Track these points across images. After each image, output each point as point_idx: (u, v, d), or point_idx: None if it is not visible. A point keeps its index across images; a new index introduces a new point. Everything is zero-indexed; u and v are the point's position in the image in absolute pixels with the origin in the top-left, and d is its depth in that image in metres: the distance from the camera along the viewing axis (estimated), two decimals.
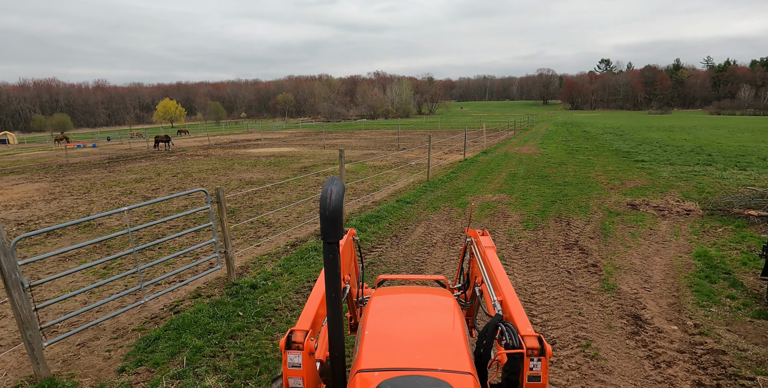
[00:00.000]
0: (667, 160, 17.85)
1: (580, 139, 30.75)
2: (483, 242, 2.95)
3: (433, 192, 11.70)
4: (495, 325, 1.98)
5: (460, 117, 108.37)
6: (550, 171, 15.17)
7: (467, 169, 15.94)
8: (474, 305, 3.06)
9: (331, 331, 1.74)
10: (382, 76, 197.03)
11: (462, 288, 3.33)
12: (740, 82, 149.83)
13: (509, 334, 1.88)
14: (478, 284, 2.75)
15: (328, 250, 1.58)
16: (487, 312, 2.28)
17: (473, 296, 2.95)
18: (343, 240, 2.60)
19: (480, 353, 1.98)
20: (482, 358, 1.97)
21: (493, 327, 1.98)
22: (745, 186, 12.12)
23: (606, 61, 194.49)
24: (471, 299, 3.07)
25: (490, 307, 2.28)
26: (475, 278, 2.90)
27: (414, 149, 24.44)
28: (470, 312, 3.15)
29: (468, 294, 3.18)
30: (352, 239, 3.09)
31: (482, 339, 2.01)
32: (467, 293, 3.20)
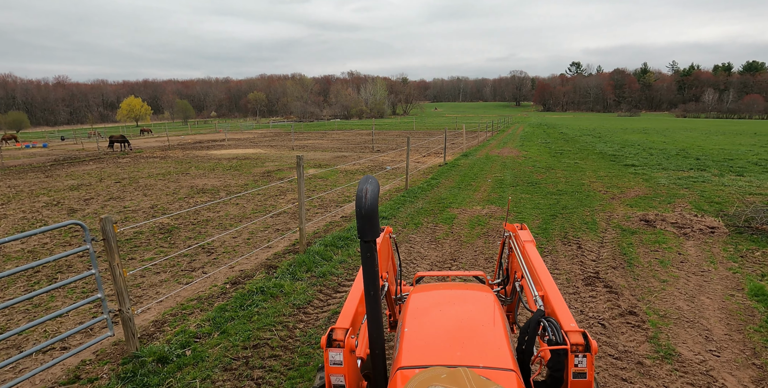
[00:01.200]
0: (658, 164, 16.81)
1: (560, 141, 29.81)
2: (522, 236, 2.89)
3: (413, 203, 10.11)
4: (537, 320, 1.92)
5: (435, 118, 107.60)
6: (539, 177, 13.82)
7: (449, 174, 14.45)
8: (514, 301, 2.95)
9: (371, 328, 1.74)
10: (357, 76, 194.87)
11: (501, 284, 3.27)
12: (704, 86, 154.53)
13: (552, 329, 1.81)
14: (518, 279, 2.67)
15: (365, 248, 1.58)
16: (528, 308, 2.23)
17: (513, 291, 2.87)
18: (379, 238, 2.61)
19: (522, 350, 1.92)
20: (524, 354, 1.91)
21: (535, 323, 1.91)
22: (753, 195, 11.01)
23: (576, 64, 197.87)
24: (511, 294, 2.99)
25: (531, 302, 2.23)
26: (515, 273, 2.83)
27: (389, 152, 22.86)
28: (510, 308, 3.05)
29: (508, 290, 3.12)
30: (388, 236, 3.05)
31: (524, 335, 1.94)
32: (507, 288, 3.14)
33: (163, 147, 31.50)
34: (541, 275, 2.31)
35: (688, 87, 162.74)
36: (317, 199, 10.86)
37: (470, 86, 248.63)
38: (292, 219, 9.00)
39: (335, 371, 1.77)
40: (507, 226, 3.28)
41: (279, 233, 7.96)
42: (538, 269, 2.37)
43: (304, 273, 5.77)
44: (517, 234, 2.99)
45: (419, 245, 7.08)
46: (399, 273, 3.23)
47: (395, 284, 3.06)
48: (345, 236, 7.31)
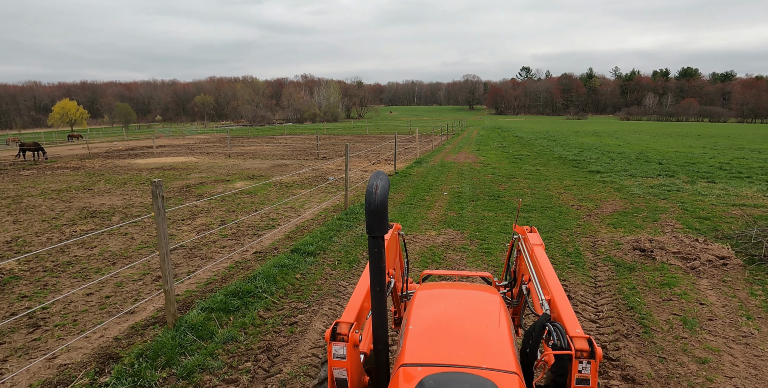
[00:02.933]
0: (624, 170, 15.63)
1: (516, 144, 28.73)
2: (531, 239, 2.86)
3: (350, 229, 8.09)
4: (542, 324, 1.89)
5: (389, 121, 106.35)
6: (501, 187, 12.16)
7: (399, 186, 12.53)
8: (521, 304, 2.88)
9: (375, 324, 1.73)
10: (310, 79, 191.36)
11: (508, 286, 3.25)
12: (645, 90, 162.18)
13: (557, 334, 1.79)
14: (525, 282, 2.64)
15: (373, 244, 1.57)
16: (534, 311, 2.22)
17: (520, 294, 2.83)
18: (388, 235, 2.60)
19: (526, 353, 1.91)
20: (528, 358, 1.89)
21: (540, 326, 1.88)
22: (736, 206, 9.75)
23: (526, 68, 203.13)
24: (517, 297, 2.92)
25: (537, 306, 2.22)
26: (522, 276, 2.80)
27: (336, 159, 20.76)
28: (516, 311, 2.99)
29: (514, 292, 3.09)
30: (397, 233, 3.01)
31: (528, 339, 1.92)
32: (514, 290, 3.12)
33: (82, 156, 27.95)
34: (549, 278, 2.27)
35: (630, 91, 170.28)
36: (233, 227, 8.62)
37: (425, 90, 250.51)
38: (187, 259, 6.74)
39: (338, 365, 1.76)
40: (516, 228, 3.24)
41: (157, 284, 5.70)
42: (546, 273, 2.33)
43: (157, 372, 3.60)
44: (527, 237, 2.95)
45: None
46: (406, 270, 3.22)
47: (402, 281, 3.03)
48: (247, 288, 5.14)
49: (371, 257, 1.61)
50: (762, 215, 8.95)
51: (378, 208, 1.49)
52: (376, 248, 1.58)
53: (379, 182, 1.52)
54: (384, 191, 1.51)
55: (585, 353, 1.68)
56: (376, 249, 1.58)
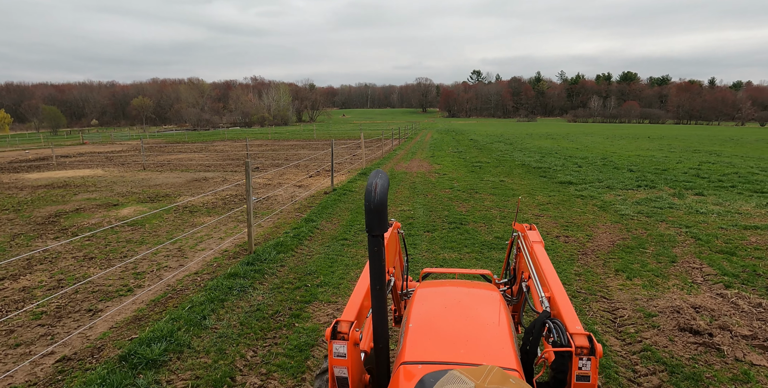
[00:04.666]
0: (598, 180, 13.69)
1: (473, 149, 26.75)
2: (530, 237, 2.84)
3: (246, 293, 5.33)
4: (542, 322, 1.90)
5: (342, 124, 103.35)
6: (463, 208, 9.76)
7: (333, 210, 9.86)
8: (520, 301, 2.91)
9: (376, 322, 1.73)
10: (260, 81, 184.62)
11: (508, 283, 3.22)
12: (590, 93, 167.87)
13: (557, 331, 1.80)
14: (525, 279, 2.62)
15: (372, 242, 1.57)
16: (534, 308, 2.21)
17: (520, 291, 2.80)
18: (387, 233, 2.55)
19: (526, 350, 1.91)
20: (528, 355, 1.90)
21: (540, 324, 1.89)
22: (748, 229, 7.79)
23: (477, 72, 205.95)
24: (517, 294, 2.90)
25: (537, 303, 2.22)
26: (522, 274, 2.78)
27: (272, 170, 17.80)
28: (516, 308, 3.03)
29: (514, 290, 3.09)
30: (396, 232, 2.98)
31: (528, 336, 1.93)
32: (513, 288, 3.11)
33: None
34: (549, 276, 2.28)
35: (576, 94, 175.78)
36: (71, 290, 5.64)
37: (378, 93, 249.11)
38: None
39: (338, 363, 1.75)
40: (516, 225, 3.20)
41: None
42: (546, 270, 2.34)
43: None
44: (526, 234, 2.93)
45: None
46: (406, 269, 3.19)
47: (402, 280, 2.99)
48: None
49: (371, 256, 1.61)
50: None
51: (378, 206, 1.49)
52: (376, 246, 1.58)
53: (379, 181, 1.52)
54: (383, 190, 1.52)
55: (585, 349, 1.67)
56: (376, 248, 1.58)
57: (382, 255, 1.60)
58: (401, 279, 3.01)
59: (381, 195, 1.49)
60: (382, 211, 1.50)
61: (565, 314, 1.91)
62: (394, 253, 2.87)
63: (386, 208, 1.52)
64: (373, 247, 1.57)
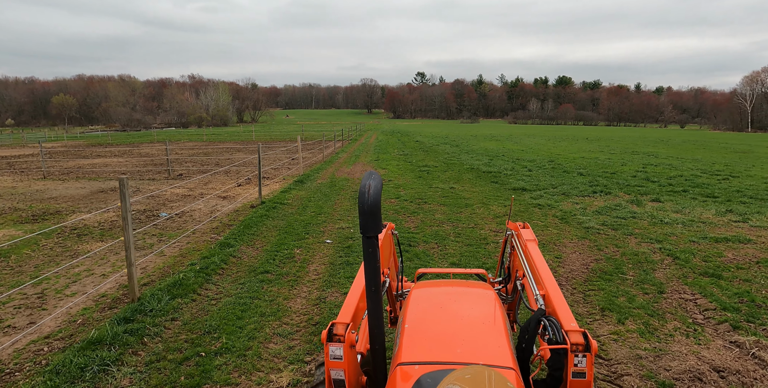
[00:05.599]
0: (552, 186, 12.91)
1: (419, 151, 25.74)
2: (524, 235, 2.83)
3: (103, 379, 3.68)
4: (537, 319, 1.89)
5: (285, 125, 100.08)
6: (411, 223, 8.47)
7: (258, 230, 8.24)
8: (515, 300, 2.87)
9: (372, 324, 1.74)
10: (199, 79, 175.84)
11: (503, 282, 3.22)
12: (528, 96, 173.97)
13: (552, 329, 1.78)
14: (520, 277, 2.65)
15: (367, 244, 1.57)
16: (529, 306, 2.23)
17: (514, 289, 2.83)
18: (382, 234, 2.56)
19: (522, 348, 1.90)
20: (524, 353, 1.89)
21: (536, 322, 1.89)
22: (720, 242, 7.05)
23: (421, 74, 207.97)
24: (512, 293, 2.95)
25: (532, 301, 2.22)
26: (516, 272, 2.78)
27: (196, 177, 15.75)
28: (511, 306, 2.99)
29: (509, 288, 3.09)
30: (390, 233, 2.99)
31: (524, 334, 1.92)
32: (508, 286, 3.11)
33: None
34: (543, 274, 2.26)
35: (515, 97, 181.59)
36: None
37: (323, 93, 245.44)
38: None
39: (335, 366, 1.74)
40: (509, 224, 3.22)
41: None
42: (540, 268, 2.33)
43: None
44: (520, 233, 2.91)
45: None
46: (401, 269, 3.17)
47: (396, 280, 2.99)
48: None
49: (366, 257, 1.60)
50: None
51: (371, 208, 1.49)
52: (370, 247, 1.58)
53: (372, 182, 1.54)
54: (377, 191, 1.53)
55: (580, 346, 1.66)
56: (371, 249, 1.58)
57: (377, 256, 1.60)
58: (396, 280, 2.99)
59: (375, 196, 1.50)
60: (376, 212, 1.50)
61: (560, 312, 1.89)
62: (389, 254, 2.85)
63: (380, 209, 1.52)
64: (368, 248, 1.57)
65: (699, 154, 27.42)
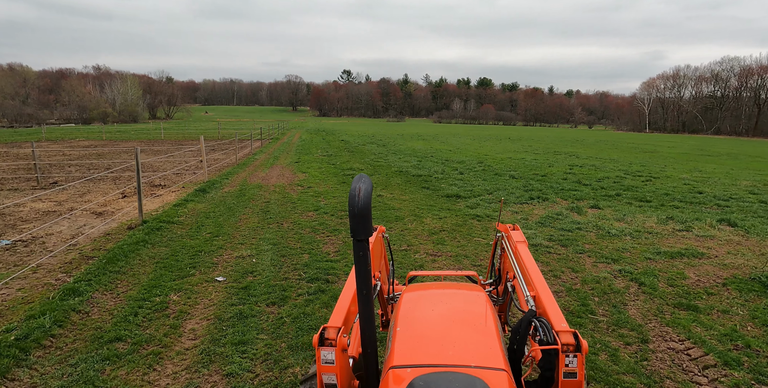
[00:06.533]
0: (486, 191, 11.95)
1: (344, 152, 24.19)
2: (514, 237, 2.83)
3: None
4: (528, 320, 1.89)
5: (202, 122, 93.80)
6: (332, 246, 6.92)
7: (126, 264, 6.25)
8: (506, 301, 2.87)
9: (363, 327, 1.70)
10: (105, 71, 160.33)
11: (494, 284, 3.20)
12: (452, 96, 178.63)
13: (543, 330, 1.79)
14: (510, 279, 2.67)
15: (357, 247, 1.55)
16: (520, 308, 2.24)
17: (505, 291, 2.83)
18: (372, 237, 2.41)
19: (513, 349, 1.90)
20: (516, 354, 1.88)
21: (527, 323, 1.89)
22: (677, 258, 6.31)
23: (348, 72, 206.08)
24: (503, 294, 2.92)
25: (522, 302, 2.23)
26: (507, 274, 2.79)
27: (74, 187, 13.00)
28: (502, 308, 2.97)
29: (500, 290, 3.06)
30: (381, 236, 2.98)
31: (515, 335, 1.91)
32: (499, 288, 3.09)
33: None
34: (533, 275, 2.27)
35: (440, 97, 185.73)
36: None
37: (245, 89, 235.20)
38: None
39: (327, 370, 1.72)
40: (499, 226, 3.20)
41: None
42: (530, 270, 2.33)
43: None
44: (510, 234, 2.91)
45: None
46: (392, 273, 3.17)
47: (388, 284, 2.99)
48: None
49: (357, 261, 1.58)
50: (739, 277, 5.48)
51: (362, 211, 1.47)
52: (361, 251, 1.56)
53: (362, 185, 1.51)
54: (367, 194, 1.50)
55: (571, 346, 1.67)
56: (362, 252, 1.56)
57: (368, 259, 1.59)
58: (387, 283, 2.98)
59: (365, 200, 1.48)
60: (367, 215, 1.48)
61: (551, 313, 1.89)
62: (380, 257, 2.83)
63: (370, 212, 1.50)
64: (359, 251, 1.56)
65: (613, 154, 28.46)
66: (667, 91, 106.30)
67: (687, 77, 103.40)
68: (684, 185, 14.48)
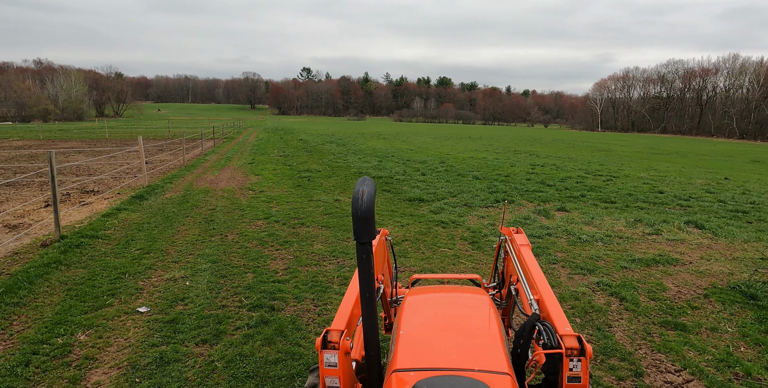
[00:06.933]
0: (450, 194, 11.41)
1: (302, 152, 23.20)
2: (517, 240, 2.80)
3: None
4: (532, 324, 1.86)
5: (154, 121, 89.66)
6: (280, 263, 6.11)
7: (28, 296, 5.20)
8: (510, 305, 2.88)
9: (366, 330, 1.69)
10: (47, 65, 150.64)
11: (497, 287, 3.21)
12: (413, 95, 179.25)
13: (547, 333, 1.77)
14: (514, 282, 2.63)
15: (361, 250, 1.54)
16: (524, 311, 2.22)
17: (509, 294, 2.81)
18: (375, 240, 2.55)
19: (517, 353, 1.87)
20: (519, 358, 1.86)
21: (530, 326, 1.86)
22: (652, 266, 5.94)
23: (307, 69, 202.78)
24: (506, 298, 2.91)
25: (526, 306, 2.22)
26: (511, 277, 2.78)
27: None
28: (506, 312, 3.01)
29: (503, 293, 3.06)
30: (384, 239, 2.95)
31: (519, 339, 1.88)
32: (502, 292, 3.09)
33: None
34: (537, 278, 2.25)
35: (400, 95, 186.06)
36: None
37: (200, 86, 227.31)
38: None
39: (330, 373, 1.70)
40: (503, 229, 3.18)
41: None
42: (534, 273, 2.31)
43: None
44: (513, 238, 2.89)
45: None
46: (395, 275, 3.16)
47: (391, 287, 2.99)
48: None
49: (360, 264, 1.57)
50: (718, 287, 5.10)
51: (365, 214, 1.45)
52: (364, 254, 1.55)
53: (365, 188, 1.49)
54: (370, 197, 1.48)
55: (575, 351, 1.65)
56: (365, 255, 1.55)
57: (371, 262, 1.58)
58: (390, 286, 2.98)
59: (368, 202, 1.47)
60: (370, 218, 1.47)
61: (555, 316, 1.87)
62: (383, 260, 2.78)
63: (374, 215, 1.49)
64: (362, 254, 1.56)
65: (571, 153, 28.80)
66: (617, 91, 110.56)
67: (635, 79, 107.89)
68: (644, 185, 14.50)
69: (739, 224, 9.18)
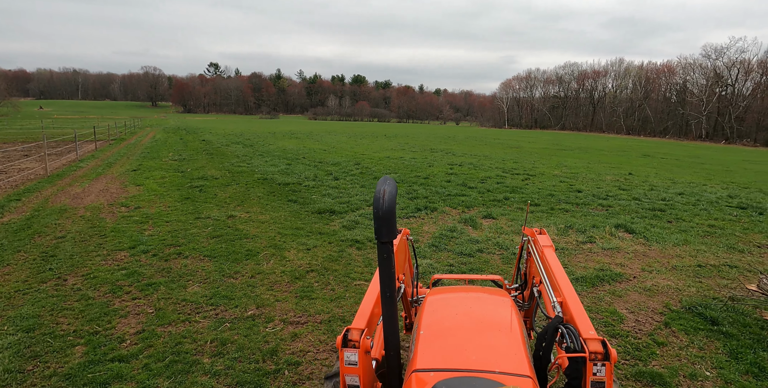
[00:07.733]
0: (365, 202, 10.11)
1: (202, 154, 20.70)
2: (541, 241, 2.75)
3: None
4: (555, 327, 1.80)
5: (34, 120, 78.75)
6: (132, 319, 4.39)
7: None
8: (532, 306, 2.85)
9: (387, 330, 1.69)
10: None
11: (519, 288, 3.15)
12: (327, 93, 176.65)
13: (570, 337, 1.71)
14: (536, 284, 2.55)
15: (382, 249, 1.53)
16: (547, 314, 2.12)
17: (531, 296, 2.77)
18: (396, 240, 2.50)
19: (539, 356, 1.82)
20: (541, 361, 1.81)
21: (553, 329, 1.80)
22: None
23: (215, 64, 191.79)
24: (529, 299, 2.87)
25: (549, 308, 2.13)
26: (533, 278, 2.70)
27: None
28: (528, 313, 2.94)
29: (526, 295, 3.00)
30: (406, 238, 2.92)
31: (541, 342, 1.84)
32: (525, 293, 3.03)
33: None
34: (560, 280, 2.20)
35: (315, 93, 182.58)
36: None
37: (92, 81, 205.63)
38: None
39: (350, 372, 1.69)
40: (525, 230, 3.12)
41: None
42: (557, 275, 2.26)
43: None
44: (536, 239, 2.82)
45: None
46: (416, 275, 3.13)
47: (412, 286, 2.97)
48: None
49: (381, 263, 1.56)
50: (673, 310, 4.32)
51: (386, 213, 1.45)
52: (385, 253, 1.53)
53: (387, 188, 1.49)
54: (392, 197, 1.47)
55: (599, 355, 1.60)
56: (386, 254, 1.54)
57: (392, 262, 1.55)
58: (411, 286, 2.94)
59: (389, 202, 1.45)
60: (391, 218, 1.45)
61: (578, 319, 1.83)
62: (404, 260, 2.76)
63: (395, 215, 1.47)
64: (383, 254, 1.53)
65: (485, 150, 28.99)
66: (521, 91, 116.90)
67: (537, 79, 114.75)
68: (561, 183, 14.31)
69: (662, 225, 8.89)
